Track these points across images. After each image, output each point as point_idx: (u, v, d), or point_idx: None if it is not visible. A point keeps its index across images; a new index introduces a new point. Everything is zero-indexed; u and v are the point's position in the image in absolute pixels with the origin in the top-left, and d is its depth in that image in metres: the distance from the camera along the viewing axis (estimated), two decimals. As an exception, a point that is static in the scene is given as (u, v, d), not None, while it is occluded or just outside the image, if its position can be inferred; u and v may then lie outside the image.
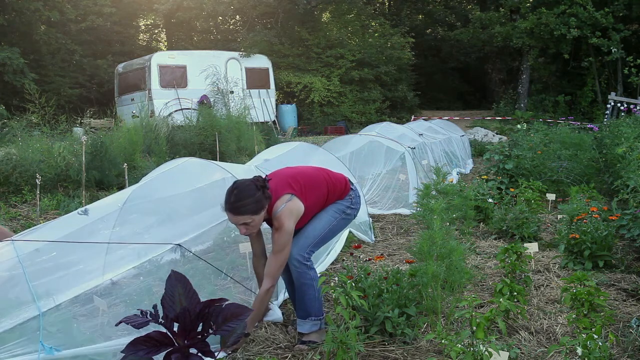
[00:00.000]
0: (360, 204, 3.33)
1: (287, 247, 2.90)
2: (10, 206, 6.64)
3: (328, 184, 3.14)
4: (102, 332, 2.69)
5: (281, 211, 2.88)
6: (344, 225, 3.26)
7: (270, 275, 2.92)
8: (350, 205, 3.22)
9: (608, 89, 19.44)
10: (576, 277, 3.03)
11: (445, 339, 2.47)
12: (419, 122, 11.53)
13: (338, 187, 3.19)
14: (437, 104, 26.55)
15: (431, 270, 3.02)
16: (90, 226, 3.38)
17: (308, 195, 3.01)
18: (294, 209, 2.91)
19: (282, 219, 2.87)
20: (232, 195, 2.81)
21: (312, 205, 3.04)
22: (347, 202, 3.21)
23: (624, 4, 18.48)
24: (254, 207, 2.80)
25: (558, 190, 6.71)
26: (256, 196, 2.81)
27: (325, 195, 3.11)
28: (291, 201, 2.92)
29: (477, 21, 23.00)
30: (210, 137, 10.15)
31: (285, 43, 20.90)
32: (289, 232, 2.89)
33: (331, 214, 3.14)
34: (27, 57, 17.09)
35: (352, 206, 3.23)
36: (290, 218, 2.89)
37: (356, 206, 3.26)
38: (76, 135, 8.47)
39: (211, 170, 4.14)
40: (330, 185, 3.15)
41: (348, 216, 3.22)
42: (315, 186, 3.07)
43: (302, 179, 3.06)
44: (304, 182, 3.04)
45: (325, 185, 3.12)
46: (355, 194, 3.27)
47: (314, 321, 3.03)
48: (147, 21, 26.25)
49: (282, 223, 2.87)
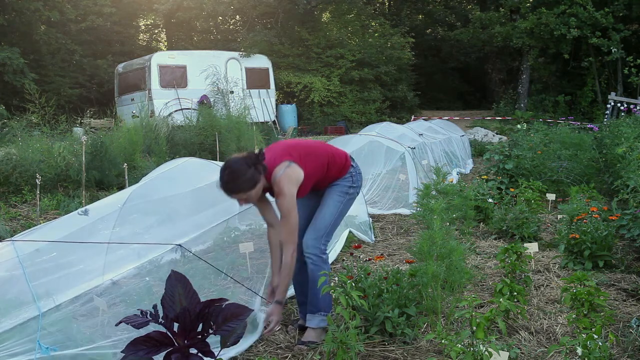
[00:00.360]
0: (362, 181, 3.33)
1: (293, 211, 2.92)
2: (10, 206, 6.64)
3: (328, 155, 3.15)
4: (102, 331, 2.69)
5: (280, 177, 2.90)
6: (350, 206, 3.28)
7: (288, 241, 2.95)
8: (352, 185, 3.22)
9: (608, 89, 19.44)
10: (576, 277, 3.03)
11: (445, 339, 2.47)
12: (419, 122, 11.54)
13: (338, 160, 3.19)
14: (437, 104, 26.55)
15: (431, 270, 3.02)
16: (90, 226, 3.38)
17: (307, 163, 3.01)
18: (292, 175, 2.92)
19: (281, 184, 2.89)
20: (225, 175, 2.84)
21: (311, 173, 3.03)
22: (348, 182, 3.21)
23: (624, 4, 18.48)
24: (247, 184, 2.82)
25: (558, 190, 6.71)
26: (247, 174, 2.82)
27: (325, 165, 3.11)
28: (290, 167, 2.93)
29: (477, 21, 23.00)
30: (210, 137, 10.15)
31: (285, 43, 20.90)
32: (290, 195, 2.90)
33: (335, 198, 3.16)
34: (27, 57, 17.09)
35: (354, 184, 3.23)
36: (290, 183, 2.91)
37: (357, 184, 3.26)
38: (76, 135, 8.48)
39: (211, 170, 4.14)
40: (331, 157, 3.15)
41: (352, 195, 3.24)
42: (314, 155, 3.09)
43: (301, 148, 3.08)
44: (303, 151, 3.06)
45: (325, 155, 3.13)
46: (356, 171, 3.26)
47: (323, 317, 3.05)
48: (147, 21, 26.24)
49: (282, 188, 2.89)
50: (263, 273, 3.76)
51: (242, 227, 4.51)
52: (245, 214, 4.10)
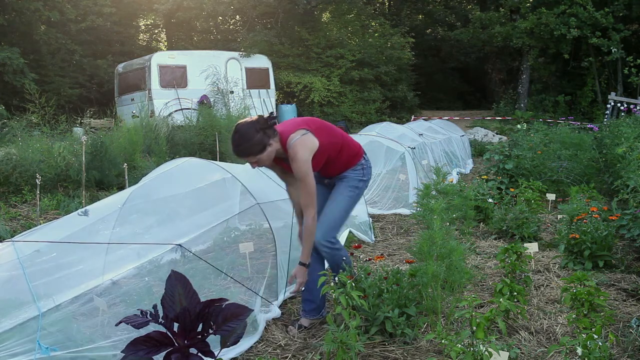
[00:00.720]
0: (371, 175, 3.38)
1: (308, 176, 2.97)
2: (10, 206, 6.64)
3: (343, 137, 3.24)
4: (102, 331, 2.69)
5: (294, 142, 2.96)
6: (358, 199, 3.33)
7: (308, 205, 3.02)
8: (362, 178, 3.29)
9: (608, 89, 19.44)
10: (576, 277, 3.03)
11: (445, 339, 2.47)
12: (419, 122, 11.53)
13: (352, 146, 3.27)
14: (437, 104, 26.55)
15: (431, 270, 3.02)
16: (90, 227, 3.38)
17: (322, 136, 3.06)
18: (307, 141, 2.98)
19: (296, 149, 2.95)
20: (235, 140, 2.94)
21: (325, 146, 3.08)
22: (359, 175, 3.28)
23: (624, 4, 18.47)
24: (256, 148, 2.91)
25: (558, 190, 6.71)
26: (255, 139, 2.89)
27: (339, 145, 3.18)
28: (305, 135, 3.00)
29: (477, 21, 23.00)
30: (210, 137, 10.15)
31: (285, 43, 20.90)
32: (304, 160, 2.96)
33: (345, 193, 3.23)
34: (27, 57, 17.08)
35: (364, 178, 3.30)
36: (304, 148, 2.96)
37: (367, 177, 3.32)
38: (76, 135, 8.47)
39: (211, 170, 4.14)
40: (345, 140, 3.23)
41: (360, 190, 3.30)
42: (329, 131, 3.16)
43: (318, 123, 3.18)
44: (319, 125, 3.15)
45: (339, 136, 3.21)
46: (367, 165, 3.33)
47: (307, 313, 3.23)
48: (147, 21, 26.24)
49: (296, 152, 2.95)
50: (263, 273, 3.76)
51: (242, 227, 4.52)
52: (245, 214, 4.10)
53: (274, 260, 3.73)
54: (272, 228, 3.78)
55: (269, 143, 2.93)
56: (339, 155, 3.18)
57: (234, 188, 4.03)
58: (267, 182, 4.40)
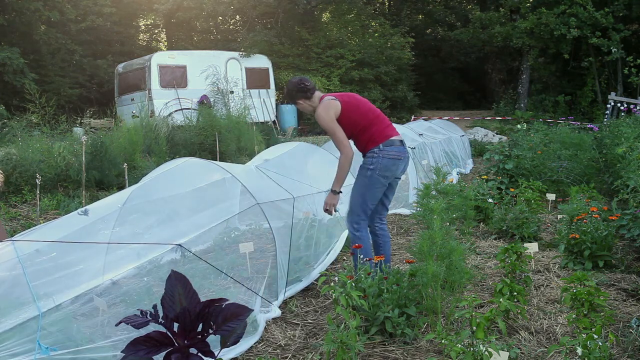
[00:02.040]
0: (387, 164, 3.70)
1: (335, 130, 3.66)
2: (10, 206, 6.64)
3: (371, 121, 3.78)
4: (102, 331, 2.69)
5: (320, 103, 3.76)
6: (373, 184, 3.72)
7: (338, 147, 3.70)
8: (369, 167, 3.71)
9: (608, 89, 19.44)
10: (576, 277, 3.03)
11: (445, 339, 2.47)
12: (419, 122, 11.52)
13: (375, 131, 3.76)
14: (437, 104, 26.54)
15: (431, 270, 3.02)
16: (90, 226, 3.38)
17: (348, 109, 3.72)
18: (330, 104, 3.71)
19: (319, 108, 3.74)
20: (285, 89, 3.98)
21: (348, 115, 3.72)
22: (368, 163, 3.73)
23: (624, 4, 18.47)
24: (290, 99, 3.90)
25: (558, 190, 6.70)
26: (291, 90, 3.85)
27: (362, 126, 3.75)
28: (331, 100, 3.73)
29: (477, 21, 22.99)
30: (210, 137, 10.15)
31: (285, 43, 20.90)
32: (322, 115, 3.68)
33: (358, 180, 3.78)
34: (27, 57, 17.08)
35: (370, 166, 3.70)
36: (325, 108, 3.70)
37: (375, 165, 3.69)
38: (76, 135, 8.47)
39: (211, 170, 4.14)
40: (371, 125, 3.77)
41: (371, 177, 3.70)
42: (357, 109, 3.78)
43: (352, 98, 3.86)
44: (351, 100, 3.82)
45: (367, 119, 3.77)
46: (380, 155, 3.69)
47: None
48: (147, 21, 26.24)
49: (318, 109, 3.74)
50: (263, 273, 3.76)
51: (242, 227, 4.52)
52: (245, 214, 4.10)
53: (274, 260, 3.73)
54: (272, 228, 3.78)
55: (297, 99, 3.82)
56: (362, 132, 3.75)
57: (234, 188, 4.03)
58: (267, 182, 4.40)
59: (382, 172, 3.66)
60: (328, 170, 5.52)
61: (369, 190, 3.68)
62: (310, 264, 4.21)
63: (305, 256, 4.19)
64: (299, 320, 3.41)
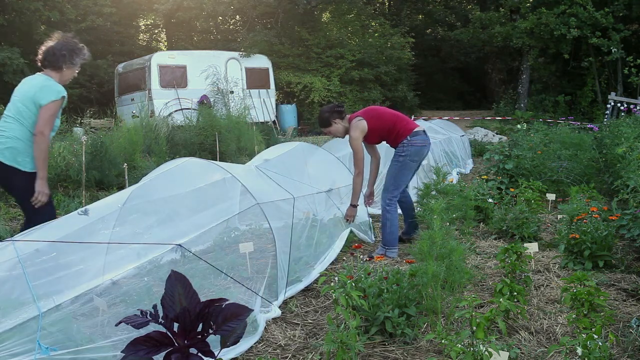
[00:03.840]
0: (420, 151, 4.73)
1: (359, 150, 4.69)
2: (10, 206, 6.64)
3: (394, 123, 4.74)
4: (102, 331, 2.69)
5: (351, 126, 4.72)
6: (406, 170, 4.75)
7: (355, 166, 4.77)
8: (401, 153, 4.71)
9: (608, 89, 19.44)
10: (576, 277, 3.03)
11: (445, 339, 2.47)
12: (419, 122, 11.50)
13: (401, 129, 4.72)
14: (437, 104, 26.55)
15: (431, 270, 3.02)
16: (90, 226, 3.37)
17: (373, 122, 4.70)
18: (359, 125, 4.69)
19: (351, 131, 4.72)
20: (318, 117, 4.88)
21: (374, 129, 4.71)
22: (400, 151, 4.71)
23: (624, 4, 18.47)
24: (325, 122, 4.80)
25: (558, 190, 6.70)
26: (324, 116, 4.78)
27: (388, 128, 4.74)
28: (359, 121, 4.70)
29: (477, 21, 23.00)
30: (210, 137, 10.15)
31: (285, 43, 20.90)
32: (353, 136, 4.67)
33: (391, 165, 4.78)
34: (27, 57, 17.06)
35: (403, 153, 4.70)
36: (354, 129, 4.68)
37: (408, 151, 4.68)
38: (76, 135, 8.47)
39: (211, 170, 4.14)
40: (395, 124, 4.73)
41: (403, 162, 4.71)
42: (380, 119, 4.75)
43: (373, 112, 4.80)
44: (375, 114, 4.77)
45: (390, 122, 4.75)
46: (410, 143, 4.69)
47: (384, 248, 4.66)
48: (147, 21, 26.25)
49: (350, 133, 4.71)
50: (263, 273, 3.76)
51: (242, 227, 4.52)
52: (246, 214, 4.10)
53: (274, 260, 3.73)
54: (272, 228, 3.77)
55: (334, 121, 4.75)
56: (389, 133, 4.75)
57: (234, 188, 4.03)
58: (267, 182, 4.40)
59: (412, 157, 4.67)
60: (328, 170, 5.53)
61: (401, 173, 4.71)
62: (310, 263, 4.21)
63: (305, 256, 4.19)
64: (299, 320, 3.41)
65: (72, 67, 3.87)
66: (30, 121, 3.70)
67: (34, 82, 3.79)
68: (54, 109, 3.71)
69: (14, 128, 3.71)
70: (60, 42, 3.85)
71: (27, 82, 3.85)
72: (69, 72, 3.87)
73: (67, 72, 3.86)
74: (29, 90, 3.75)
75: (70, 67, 3.86)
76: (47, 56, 3.81)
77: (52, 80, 3.78)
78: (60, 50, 3.79)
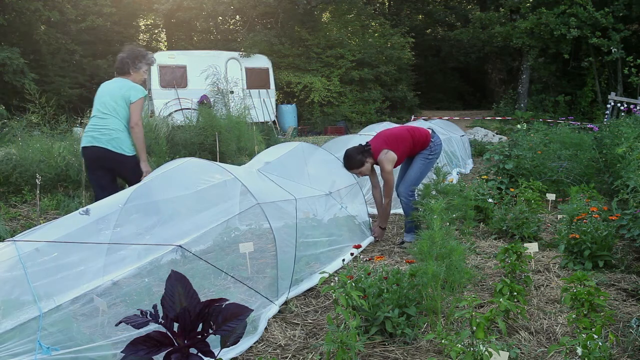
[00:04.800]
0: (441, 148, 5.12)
1: (390, 179, 4.92)
2: (10, 206, 6.64)
3: (412, 137, 4.97)
4: (102, 332, 2.69)
5: (381, 159, 4.86)
6: (430, 167, 5.10)
7: (387, 195, 5.03)
8: (430, 153, 5.02)
9: (608, 89, 19.43)
10: (576, 277, 3.03)
11: (445, 339, 2.47)
12: (419, 122, 11.50)
13: (420, 138, 4.99)
14: (437, 104, 26.57)
15: (431, 270, 3.02)
16: (91, 226, 3.38)
17: (398, 147, 4.89)
18: (389, 157, 4.85)
19: (383, 164, 4.87)
20: (344, 159, 4.95)
21: (401, 153, 4.92)
22: (428, 151, 5.01)
23: (624, 4, 18.47)
24: (357, 164, 4.90)
25: (558, 190, 6.70)
26: (357, 158, 4.88)
27: (410, 145, 4.96)
28: (388, 153, 4.85)
29: (477, 21, 23.00)
30: (210, 137, 10.14)
31: (285, 43, 20.90)
32: (388, 170, 4.86)
33: (419, 162, 5.01)
34: (27, 57, 17.09)
35: (432, 153, 5.02)
36: (387, 162, 4.85)
37: (436, 151, 5.04)
38: (76, 135, 8.47)
39: (211, 170, 4.14)
40: (413, 139, 4.96)
41: (431, 160, 5.05)
42: (401, 140, 4.94)
43: (393, 138, 4.95)
44: (394, 140, 4.93)
45: (409, 140, 4.96)
46: (435, 143, 5.05)
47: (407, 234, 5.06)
48: (147, 21, 26.25)
49: (384, 166, 4.87)
50: (263, 273, 3.76)
51: (242, 227, 4.52)
52: (246, 214, 4.10)
53: (274, 260, 3.73)
54: (272, 228, 3.77)
55: (366, 161, 4.90)
56: (413, 148, 4.98)
57: (234, 188, 4.03)
58: (267, 182, 4.41)
59: (436, 155, 5.06)
60: (328, 170, 5.53)
61: (426, 170, 5.05)
62: (310, 264, 4.21)
63: (305, 256, 4.19)
64: (299, 320, 3.41)
65: (137, 71, 4.66)
66: (122, 115, 4.51)
67: (119, 84, 4.58)
68: (142, 104, 4.59)
69: (113, 122, 4.50)
70: (126, 51, 4.70)
71: (111, 84, 4.63)
72: (136, 75, 4.67)
73: (135, 75, 4.66)
74: (118, 90, 4.53)
75: (136, 71, 4.66)
76: (117, 65, 4.66)
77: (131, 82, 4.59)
78: (125, 59, 4.62)
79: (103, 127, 4.49)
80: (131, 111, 4.51)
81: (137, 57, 4.65)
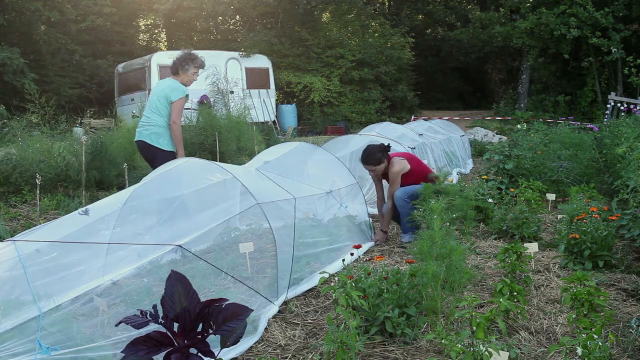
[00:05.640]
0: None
1: (397, 182, 5.05)
2: (10, 206, 6.64)
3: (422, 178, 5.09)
4: (102, 332, 2.69)
5: (394, 161, 5.09)
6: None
7: (389, 197, 5.12)
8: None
9: (608, 89, 19.44)
10: (576, 277, 3.03)
11: (445, 339, 2.47)
12: (419, 122, 11.52)
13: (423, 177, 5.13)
14: (437, 104, 26.57)
15: (431, 270, 3.02)
16: (90, 226, 3.37)
17: (413, 165, 5.13)
18: (402, 163, 5.08)
19: (394, 164, 5.07)
20: (363, 153, 5.09)
21: (414, 171, 5.10)
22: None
23: (624, 4, 18.47)
24: (375, 161, 5.05)
25: (558, 190, 6.70)
26: (376, 156, 5.04)
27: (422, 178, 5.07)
28: (403, 160, 5.11)
29: (477, 21, 23.01)
30: (210, 137, 10.13)
31: (285, 43, 20.90)
32: (396, 171, 5.03)
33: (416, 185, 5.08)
34: (27, 57, 17.09)
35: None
36: (398, 165, 5.04)
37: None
38: (76, 135, 8.47)
39: (211, 170, 4.14)
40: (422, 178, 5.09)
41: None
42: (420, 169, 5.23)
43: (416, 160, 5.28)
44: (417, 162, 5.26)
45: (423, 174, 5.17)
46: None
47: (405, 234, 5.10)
48: (147, 21, 26.25)
49: (393, 165, 5.06)
50: (263, 273, 3.76)
51: (242, 227, 4.52)
52: (246, 214, 4.10)
53: (274, 260, 3.73)
54: (272, 228, 3.77)
55: (383, 160, 5.06)
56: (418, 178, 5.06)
57: (234, 188, 4.03)
58: (267, 182, 4.40)
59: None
60: (328, 170, 5.53)
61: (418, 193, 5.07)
62: (310, 264, 4.21)
63: (305, 256, 4.19)
64: (299, 320, 3.41)
65: (186, 72, 5.09)
66: (165, 113, 4.97)
67: (166, 84, 5.10)
68: (182, 103, 5.01)
69: (156, 118, 4.98)
70: (179, 54, 5.22)
71: (160, 84, 5.21)
72: (185, 76, 5.10)
73: (183, 76, 5.10)
74: (162, 90, 5.03)
75: (185, 72, 5.09)
76: (170, 65, 5.22)
77: (178, 82, 5.06)
78: (175, 61, 5.12)
79: (146, 123, 5.01)
80: (171, 109, 4.95)
81: (185, 60, 5.07)
